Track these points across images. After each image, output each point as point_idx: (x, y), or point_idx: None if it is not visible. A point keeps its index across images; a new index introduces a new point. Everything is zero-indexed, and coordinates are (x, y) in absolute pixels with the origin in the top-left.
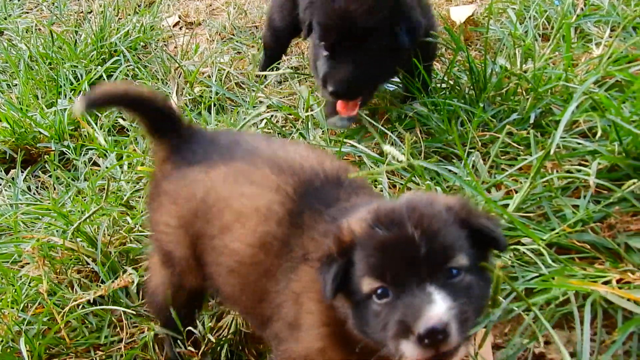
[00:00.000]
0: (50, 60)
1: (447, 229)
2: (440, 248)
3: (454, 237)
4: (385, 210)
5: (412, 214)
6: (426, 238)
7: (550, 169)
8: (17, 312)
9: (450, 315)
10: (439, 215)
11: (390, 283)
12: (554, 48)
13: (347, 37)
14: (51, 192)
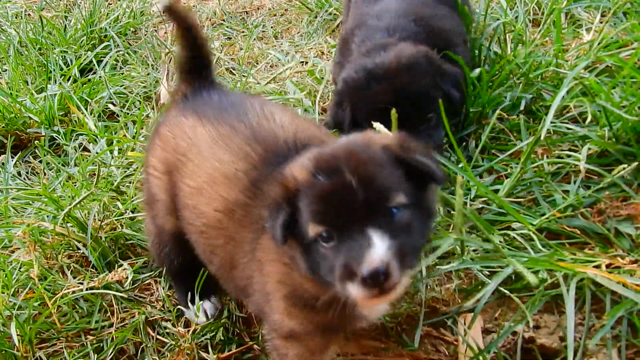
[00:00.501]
0: (40, 46)
1: (384, 170)
2: (377, 190)
3: (390, 178)
4: (325, 157)
5: (349, 159)
6: (363, 183)
7: (540, 155)
8: (7, 297)
9: (389, 255)
10: (375, 158)
11: (333, 228)
12: (544, 33)
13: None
14: (41, 177)
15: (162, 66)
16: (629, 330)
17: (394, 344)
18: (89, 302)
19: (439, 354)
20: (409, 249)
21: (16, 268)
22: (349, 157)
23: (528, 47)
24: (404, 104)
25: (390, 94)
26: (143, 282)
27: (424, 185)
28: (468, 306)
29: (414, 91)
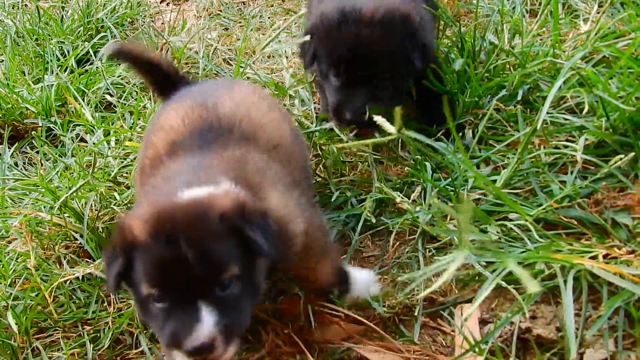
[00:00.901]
0: (36, 36)
1: (221, 243)
2: (212, 265)
3: (226, 251)
4: (163, 219)
5: (187, 229)
6: (199, 257)
7: (537, 145)
8: (4, 287)
9: (215, 331)
10: (212, 230)
11: (165, 293)
12: (541, 24)
13: (360, 64)
14: (38, 167)
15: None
16: (626, 321)
17: (392, 335)
18: (86, 292)
19: (436, 344)
20: (235, 323)
21: (13, 258)
22: (188, 226)
23: (525, 37)
24: (363, 57)
25: (354, 43)
26: None
27: (254, 256)
28: (465, 297)
29: (377, 47)
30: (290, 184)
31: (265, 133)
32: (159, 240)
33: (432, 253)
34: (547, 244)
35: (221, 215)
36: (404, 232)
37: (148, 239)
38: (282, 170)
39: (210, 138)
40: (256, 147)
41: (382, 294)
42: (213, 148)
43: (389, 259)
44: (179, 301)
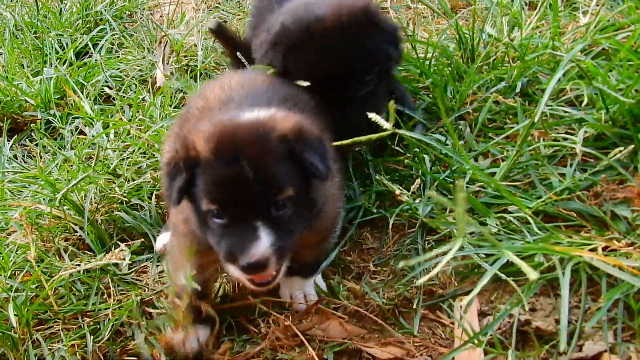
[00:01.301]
0: (35, 29)
1: (279, 165)
2: (270, 186)
3: (284, 172)
4: (226, 137)
5: (248, 149)
6: (259, 177)
7: (537, 137)
8: (4, 279)
9: (270, 250)
10: (271, 152)
11: (224, 211)
12: (540, 16)
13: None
14: (38, 160)
15: (157, 49)
16: (625, 313)
17: (391, 327)
18: (86, 284)
19: (435, 336)
20: (287, 244)
21: (13, 250)
22: (249, 147)
23: (524, 30)
24: (343, 67)
25: (329, 58)
26: (140, 265)
27: (309, 180)
28: (464, 289)
29: (354, 53)
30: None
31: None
32: (220, 159)
33: (431, 245)
34: (546, 236)
35: (281, 138)
36: (403, 225)
37: (210, 157)
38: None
39: (264, 99)
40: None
41: (382, 285)
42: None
43: (388, 251)
44: (237, 218)
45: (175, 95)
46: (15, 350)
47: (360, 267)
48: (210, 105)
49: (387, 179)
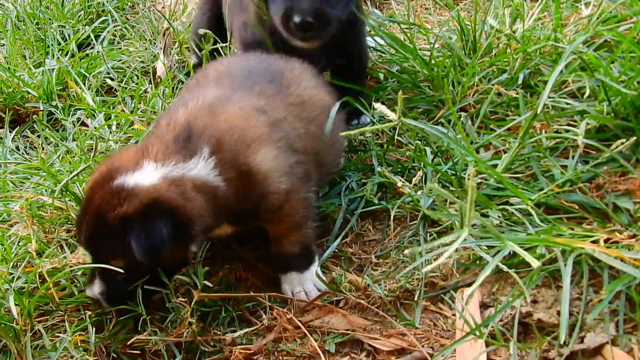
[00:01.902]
0: (37, 20)
1: (106, 240)
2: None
3: (111, 247)
4: (86, 194)
5: (89, 216)
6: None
7: (539, 129)
8: (7, 270)
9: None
10: (103, 229)
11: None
12: (542, 8)
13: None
14: (39, 151)
15: (159, 41)
16: (627, 305)
17: (393, 318)
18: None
19: (437, 328)
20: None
21: (15, 242)
22: (90, 214)
23: (526, 21)
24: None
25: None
26: None
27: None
28: (466, 281)
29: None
30: (297, 153)
31: (306, 101)
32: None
33: (433, 237)
34: (548, 228)
35: (120, 218)
36: (405, 217)
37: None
38: (297, 139)
39: (257, 79)
40: (289, 105)
41: (384, 277)
42: (251, 88)
43: (389, 243)
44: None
45: (178, 87)
46: (17, 342)
47: (362, 259)
48: (209, 77)
49: (389, 170)
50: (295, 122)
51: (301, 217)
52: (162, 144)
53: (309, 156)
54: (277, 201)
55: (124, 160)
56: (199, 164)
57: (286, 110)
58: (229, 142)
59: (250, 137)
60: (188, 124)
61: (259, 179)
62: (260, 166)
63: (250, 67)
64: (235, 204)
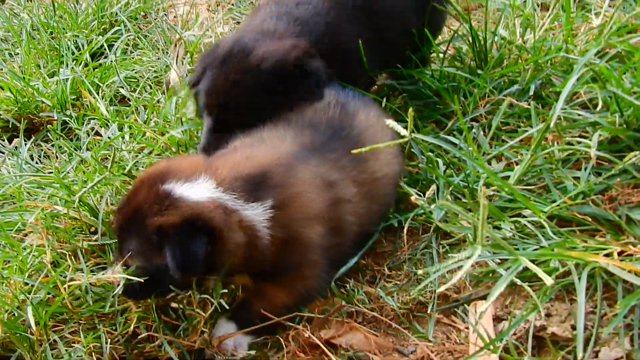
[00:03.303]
0: (51, 30)
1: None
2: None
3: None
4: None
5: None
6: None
7: (550, 141)
8: (22, 280)
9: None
10: (139, 233)
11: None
12: (553, 18)
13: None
14: (53, 161)
15: (172, 50)
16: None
17: (406, 331)
18: (101, 286)
19: (450, 341)
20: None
21: (30, 252)
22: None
23: (537, 32)
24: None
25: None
26: None
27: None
28: (479, 293)
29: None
30: (343, 234)
31: (379, 179)
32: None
33: (445, 249)
34: (561, 241)
35: (156, 227)
36: (417, 228)
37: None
38: (353, 219)
39: (336, 146)
40: (360, 184)
41: (397, 289)
42: (330, 154)
43: (402, 255)
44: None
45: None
46: (32, 352)
47: (375, 271)
48: (293, 120)
49: (403, 182)
50: (360, 202)
51: (304, 294)
52: (233, 172)
53: (354, 235)
54: (301, 272)
55: (181, 167)
56: (256, 210)
57: (356, 188)
58: (292, 208)
59: (312, 211)
60: (265, 173)
61: (301, 250)
62: (308, 240)
63: (333, 124)
64: (264, 259)
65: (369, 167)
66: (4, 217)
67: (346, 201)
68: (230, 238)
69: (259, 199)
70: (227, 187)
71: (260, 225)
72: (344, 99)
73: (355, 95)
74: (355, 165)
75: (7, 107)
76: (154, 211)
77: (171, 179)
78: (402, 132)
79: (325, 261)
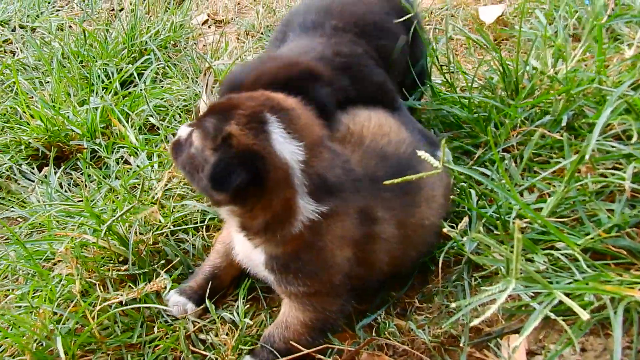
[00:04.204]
0: (82, 59)
1: None
2: None
3: None
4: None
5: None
6: None
7: (584, 173)
8: (51, 310)
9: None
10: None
11: None
12: (585, 49)
13: None
14: (83, 189)
15: (201, 79)
16: None
17: None
18: (129, 316)
19: None
20: None
21: (59, 282)
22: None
23: (569, 62)
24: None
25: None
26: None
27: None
28: (512, 327)
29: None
30: (369, 267)
31: (425, 227)
32: None
33: (477, 282)
34: (595, 274)
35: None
36: (449, 260)
37: None
38: (384, 258)
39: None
40: (404, 227)
41: (428, 322)
42: (381, 190)
43: (433, 287)
44: None
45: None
46: None
47: (405, 303)
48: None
49: None
50: (398, 244)
51: (322, 316)
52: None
53: (382, 274)
54: (320, 287)
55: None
56: (310, 205)
57: (398, 231)
58: (332, 221)
59: (347, 234)
60: (328, 177)
61: (322, 262)
62: (333, 256)
63: (400, 162)
64: (285, 241)
65: (419, 213)
66: (34, 246)
67: (383, 240)
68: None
69: (319, 200)
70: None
71: (304, 215)
72: (417, 140)
73: (428, 140)
74: (406, 208)
75: (37, 135)
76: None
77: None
78: (434, 163)
79: (346, 286)
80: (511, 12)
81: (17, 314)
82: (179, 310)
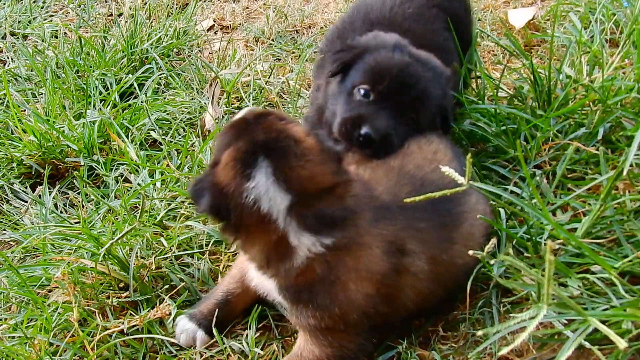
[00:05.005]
0: (78, 68)
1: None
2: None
3: None
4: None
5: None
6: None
7: (622, 190)
8: (47, 340)
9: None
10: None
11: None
12: (624, 56)
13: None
14: (80, 210)
15: (207, 90)
16: None
17: None
18: (131, 347)
19: None
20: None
21: (55, 310)
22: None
23: (606, 70)
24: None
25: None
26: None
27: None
28: (543, 357)
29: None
30: (390, 304)
31: (457, 265)
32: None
33: (506, 308)
34: (634, 300)
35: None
36: (476, 285)
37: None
38: (406, 294)
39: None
40: (436, 263)
41: (453, 352)
42: (419, 223)
43: (458, 314)
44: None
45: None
46: None
47: (428, 331)
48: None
49: None
50: (427, 281)
51: (338, 353)
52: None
53: (407, 312)
54: (337, 321)
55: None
56: (309, 239)
57: (429, 267)
58: (348, 255)
59: (372, 267)
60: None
61: (332, 292)
62: (349, 293)
63: (432, 187)
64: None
65: (453, 250)
66: (27, 271)
67: (412, 274)
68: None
69: (319, 233)
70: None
71: (303, 250)
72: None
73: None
74: (440, 243)
75: (30, 151)
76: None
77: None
78: (460, 180)
79: (365, 323)
80: (543, 15)
81: (11, 345)
82: (187, 338)
